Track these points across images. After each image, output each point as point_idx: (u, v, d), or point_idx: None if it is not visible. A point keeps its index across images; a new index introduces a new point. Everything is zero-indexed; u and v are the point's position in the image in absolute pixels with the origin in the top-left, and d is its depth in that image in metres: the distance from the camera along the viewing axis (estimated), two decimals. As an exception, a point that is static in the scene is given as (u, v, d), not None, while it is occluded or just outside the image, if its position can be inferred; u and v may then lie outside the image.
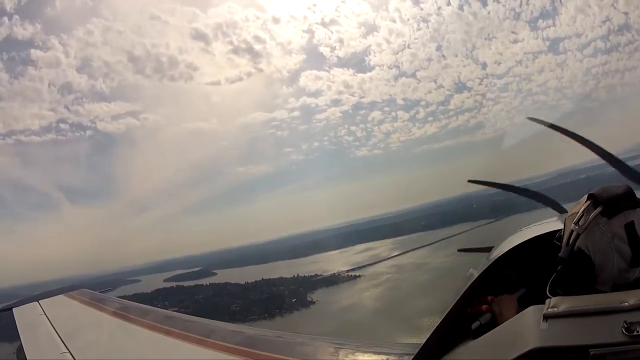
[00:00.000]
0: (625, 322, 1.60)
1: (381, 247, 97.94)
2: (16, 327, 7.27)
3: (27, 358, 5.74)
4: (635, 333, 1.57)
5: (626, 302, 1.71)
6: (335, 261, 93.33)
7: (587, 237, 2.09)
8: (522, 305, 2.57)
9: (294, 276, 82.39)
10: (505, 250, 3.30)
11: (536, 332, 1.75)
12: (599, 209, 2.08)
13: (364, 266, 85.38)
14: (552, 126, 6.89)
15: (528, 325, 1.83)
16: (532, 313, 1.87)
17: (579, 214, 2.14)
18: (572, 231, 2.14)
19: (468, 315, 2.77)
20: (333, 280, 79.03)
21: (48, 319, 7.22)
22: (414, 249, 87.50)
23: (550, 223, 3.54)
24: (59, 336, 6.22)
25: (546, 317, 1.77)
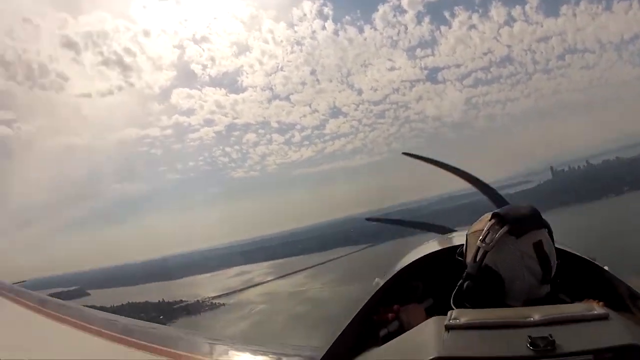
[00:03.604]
0: (529, 336, 1.53)
1: (256, 270, 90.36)
2: None
3: None
4: (540, 348, 1.50)
5: (531, 317, 1.64)
6: (205, 285, 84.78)
7: (496, 255, 2.03)
8: (430, 315, 2.17)
9: (159, 301, 72.90)
10: (410, 261, 3.29)
11: (438, 342, 1.64)
12: (505, 228, 2.02)
13: (231, 293, 76.57)
14: (427, 160, 7.85)
15: (430, 335, 1.71)
16: (434, 323, 1.76)
17: (484, 231, 2.07)
18: (478, 248, 2.07)
19: (374, 323, 2.67)
20: (197, 308, 69.67)
21: None
22: (287, 275, 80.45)
23: (459, 237, 3.48)
24: None
25: (448, 328, 1.67)
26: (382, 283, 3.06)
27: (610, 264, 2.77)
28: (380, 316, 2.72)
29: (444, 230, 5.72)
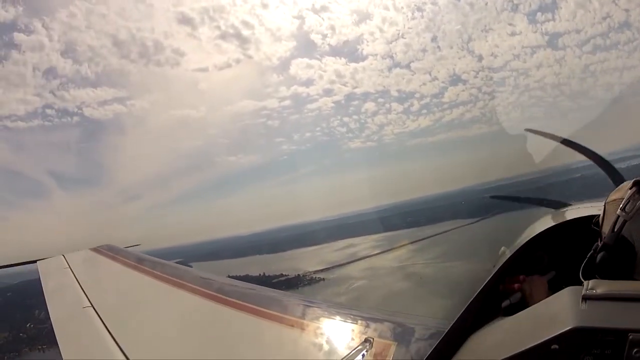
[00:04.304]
0: None
1: (363, 243, 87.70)
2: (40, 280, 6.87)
3: (50, 311, 5.33)
4: None
5: None
6: (309, 259, 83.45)
7: (634, 225, 1.93)
8: (551, 288, 2.59)
9: (259, 274, 71.79)
10: (537, 232, 3.36)
11: (575, 312, 1.65)
12: None
13: (332, 267, 74.54)
14: (550, 136, 7.48)
15: (567, 305, 1.74)
16: (570, 294, 1.78)
17: (624, 200, 1.99)
18: (617, 217, 1.98)
19: (499, 293, 2.78)
20: (296, 283, 68.20)
21: (72, 272, 6.79)
22: (391, 249, 77.12)
23: (581, 209, 3.64)
24: (83, 290, 5.84)
25: (585, 299, 1.67)
26: (508, 252, 3.14)
27: None
28: (506, 286, 2.78)
29: (558, 205, 5.47)
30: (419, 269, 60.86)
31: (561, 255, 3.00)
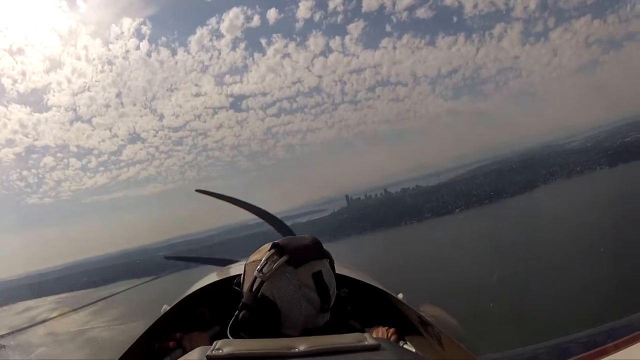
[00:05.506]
0: None
1: (41, 306, 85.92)
2: None
3: None
4: None
5: (296, 348, 1.55)
6: None
7: (273, 285, 2.02)
8: None
9: None
10: (197, 288, 3.41)
11: None
12: (284, 258, 2.02)
13: (12, 332, 70.91)
14: (217, 195, 8.49)
15: None
16: (198, 353, 1.61)
17: (262, 261, 2.05)
18: (255, 278, 2.06)
19: (155, 352, 2.78)
20: None
21: None
22: (71, 311, 78.30)
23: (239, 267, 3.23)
24: None
25: (209, 359, 1.53)
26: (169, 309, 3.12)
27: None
28: (161, 344, 2.80)
29: (225, 262, 5.73)
30: (97, 332, 60.91)
31: (225, 312, 2.71)
